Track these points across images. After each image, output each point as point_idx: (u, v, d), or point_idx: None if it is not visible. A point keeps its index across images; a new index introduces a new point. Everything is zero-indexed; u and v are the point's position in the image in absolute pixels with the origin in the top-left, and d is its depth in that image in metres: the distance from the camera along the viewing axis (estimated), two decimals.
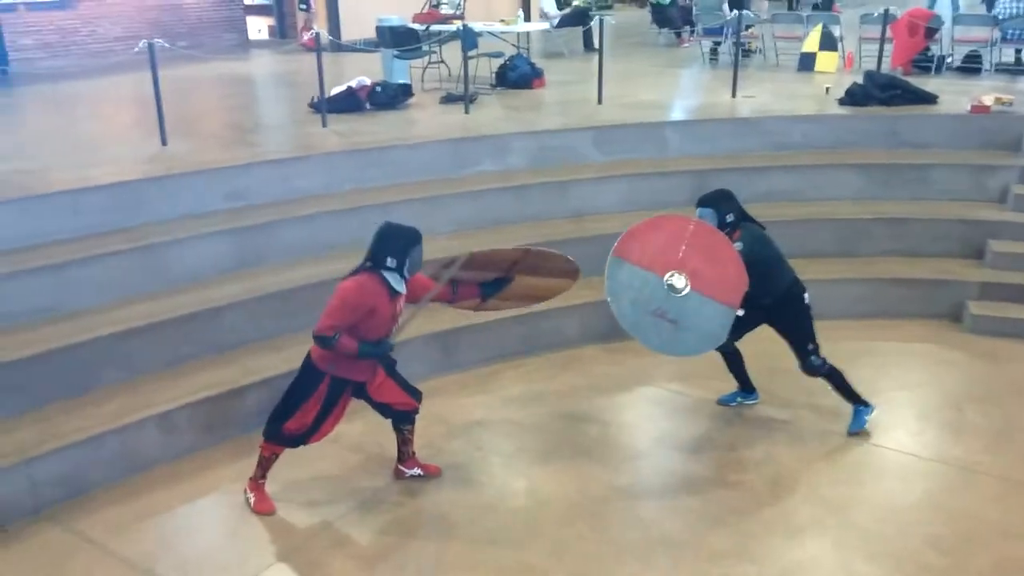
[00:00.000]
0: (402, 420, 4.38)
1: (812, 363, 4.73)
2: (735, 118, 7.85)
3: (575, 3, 17.08)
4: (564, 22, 13.01)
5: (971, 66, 9.92)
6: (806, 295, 4.77)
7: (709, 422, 5.16)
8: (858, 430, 4.87)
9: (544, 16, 13.25)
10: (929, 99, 8.03)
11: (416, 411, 4.37)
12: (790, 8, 17.07)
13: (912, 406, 5.21)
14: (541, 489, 4.49)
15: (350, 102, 8.19)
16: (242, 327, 5.32)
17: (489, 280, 4.44)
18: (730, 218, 4.70)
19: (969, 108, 7.59)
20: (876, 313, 6.41)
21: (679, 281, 4.34)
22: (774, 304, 4.71)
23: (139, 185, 5.90)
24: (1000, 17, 9.70)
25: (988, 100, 7.60)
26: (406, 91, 8.69)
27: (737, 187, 6.99)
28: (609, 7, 20.76)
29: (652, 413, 5.36)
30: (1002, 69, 9.88)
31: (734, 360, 5.09)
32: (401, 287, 4.05)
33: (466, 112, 8.16)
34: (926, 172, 7.15)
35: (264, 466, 4.28)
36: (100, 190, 5.75)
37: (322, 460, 4.67)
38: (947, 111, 7.76)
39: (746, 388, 5.21)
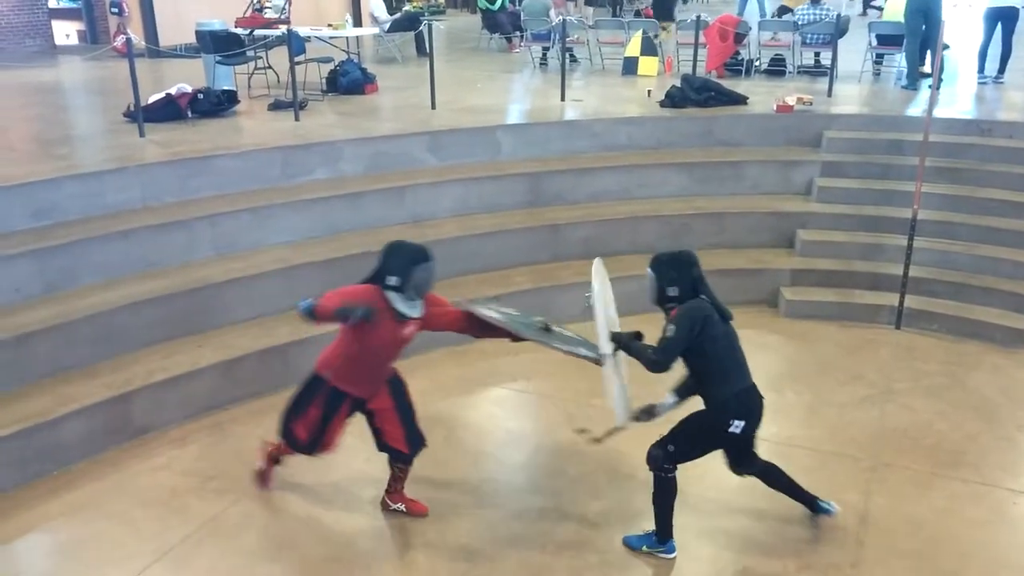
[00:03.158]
0: (395, 458, 4.17)
1: (651, 450, 3.90)
2: (565, 121, 8.07)
3: (405, 8, 17.07)
4: (395, 27, 12.94)
5: (776, 68, 10.72)
6: (735, 424, 3.75)
7: (552, 418, 5.27)
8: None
9: (375, 21, 13.13)
10: (740, 100, 8.59)
11: (406, 457, 4.14)
12: (613, 15, 17.79)
13: None
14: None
15: (169, 110, 7.76)
16: (54, 354, 4.92)
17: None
18: (672, 292, 3.76)
19: (775, 108, 8.19)
20: None
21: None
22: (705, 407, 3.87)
23: None
24: (800, 23, 10.55)
25: (791, 100, 8.23)
26: (231, 98, 8.34)
27: (569, 188, 7.35)
28: (441, 12, 20.88)
29: (497, 413, 5.41)
30: (804, 71, 10.73)
31: (773, 479, 4.10)
32: (411, 311, 3.85)
33: (296, 119, 7.94)
34: (739, 169, 7.66)
35: (268, 463, 4.36)
36: None
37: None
38: (756, 111, 8.33)
39: (808, 502, 4.14)
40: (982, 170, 7.32)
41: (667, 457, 3.85)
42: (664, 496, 3.93)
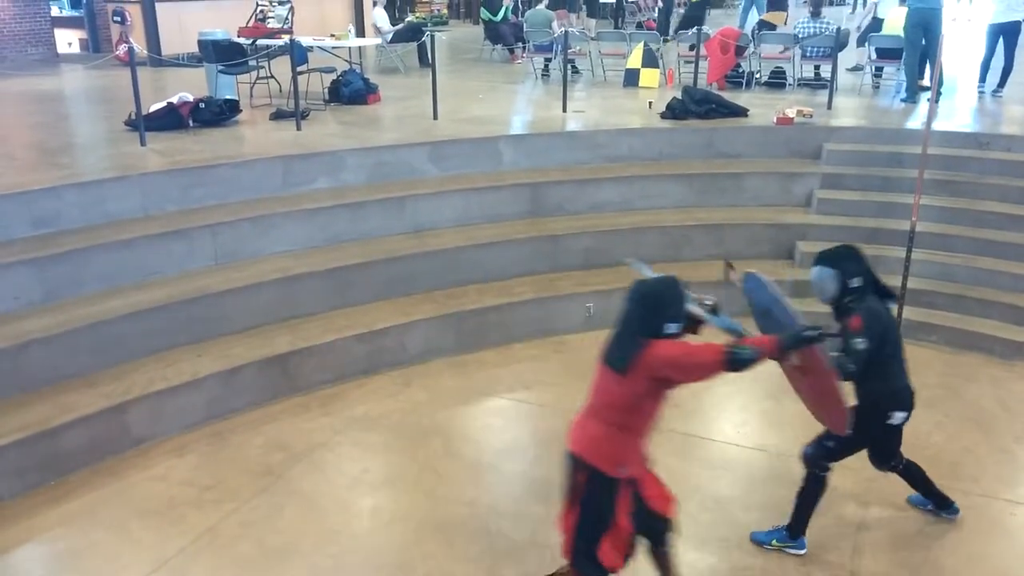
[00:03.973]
0: (663, 527, 3.54)
1: (805, 449, 4.01)
2: (566, 132, 8.09)
3: (408, 18, 17.13)
4: (397, 37, 12.99)
5: (777, 81, 10.75)
6: (897, 416, 3.86)
7: (551, 427, 5.25)
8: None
9: (377, 31, 13.18)
10: (741, 112, 8.62)
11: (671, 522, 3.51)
12: (615, 27, 17.84)
13: (735, 399, 5.55)
14: (387, 509, 4.43)
15: (171, 119, 7.79)
16: (54, 362, 4.92)
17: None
18: (856, 283, 3.75)
19: (775, 120, 8.21)
20: None
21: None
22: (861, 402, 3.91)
23: None
24: (800, 36, 10.59)
25: (791, 112, 8.25)
26: (233, 107, 8.37)
27: (570, 198, 7.37)
28: (444, 23, 20.95)
29: (496, 424, 5.41)
30: (804, 83, 10.76)
31: (914, 476, 4.21)
32: None
33: (298, 128, 7.96)
34: (739, 180, 7.68)
35: None
36: None
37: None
38: (756, 123, 8.35)
39: (939, 500, 4.29)
40: (980, 183, 7.34)
41: (824, 454, 3.89)
42: (811, 495, 3.96)
